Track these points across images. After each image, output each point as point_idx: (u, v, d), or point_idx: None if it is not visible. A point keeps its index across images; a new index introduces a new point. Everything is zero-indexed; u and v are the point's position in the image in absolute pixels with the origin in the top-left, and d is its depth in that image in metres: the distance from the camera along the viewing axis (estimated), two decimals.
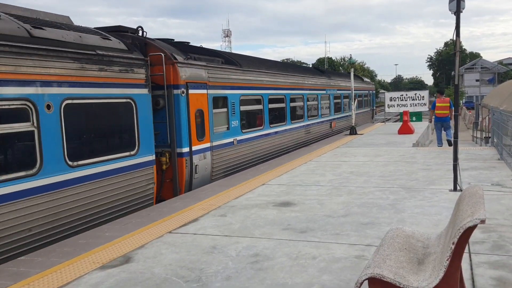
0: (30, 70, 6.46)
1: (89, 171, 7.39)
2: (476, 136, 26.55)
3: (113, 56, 8.08)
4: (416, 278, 3.49)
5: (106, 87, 7.89)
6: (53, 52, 6.87)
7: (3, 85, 6.00)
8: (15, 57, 6.23)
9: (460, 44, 8.19)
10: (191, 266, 5.06)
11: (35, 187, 6.38)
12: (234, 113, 12.28)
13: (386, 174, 10.21)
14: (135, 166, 8.49)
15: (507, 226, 5.99)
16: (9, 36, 6.22)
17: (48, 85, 6.75)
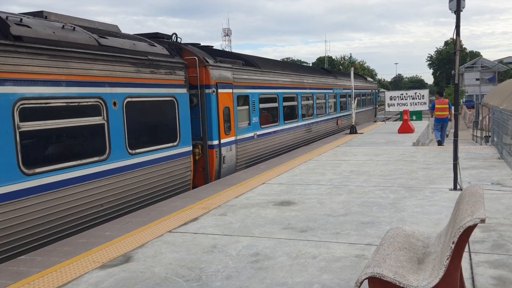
0: (100, 73, 7.81)
1: (143, 158, 8.76)
2: (476, 135, 26.55)
3: (160, 61, 9.44)
4: (416, 277, 3.50)
5: (155, 87, 9.23)
6: (117, 58, 8.23)
7: (82, 86, 7.36)
8: (90, 62, 7.57)
9: (460, 43, 8.19)
10: (191, 266, 5.06)
11: (105, 170, 7.83)
12: (254, 110, 13.55)
13: (386, 173, 10.21)
14: (177, 155, 9.81)
15: (507, 225, 5.99)
16: (84, 45, 7.59)
17: (114, 85, 8.07)
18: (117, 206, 8.05)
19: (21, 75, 6.37)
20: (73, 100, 7.23)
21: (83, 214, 7.30)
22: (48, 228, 6.67)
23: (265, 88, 14.46)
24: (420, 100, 23.13)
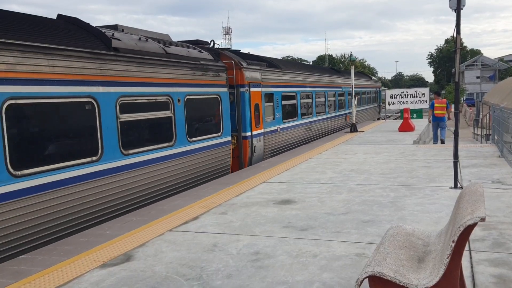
0: (169, 76, 9.54)
1: (197, 145, 10.52)
2: (476, 133, 26.54)
3: (208, 65, 11.17)
4: (417, 276, 3.50)
5: (206, 87, 10.96)
6: (179, 63, 9.98)
7: (157, 86, 9.17)
8: (162, 67, 9.32)
9: (460, 41, 8.18)
10: (191, 264, 5.07)
11: (171, 154, 9.55)
12: (277, 107, 15.31)
13: (387, 171, 10.21)
14: (220, 144, 11.60)
15: (508, 224, 5.99)
16: (156, 53, 9.32)
17: (178, 86, 9.82)
18: (181, 183, 9.90)
19: (120, 78, 8.17)
20: (152, 98, 9.06)
21: (162, 187, 9.30)
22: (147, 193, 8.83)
23: (286, 87, 16.21)
24: (420, 98, 23.14)
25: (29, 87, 6.37)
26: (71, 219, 6.99)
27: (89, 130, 7.45)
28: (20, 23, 6.78)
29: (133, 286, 4.55)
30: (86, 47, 7.51)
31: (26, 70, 6.32)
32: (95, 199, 7.44)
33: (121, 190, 8.07)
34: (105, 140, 7.68)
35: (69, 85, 7.05)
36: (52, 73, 6.76)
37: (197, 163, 10.51)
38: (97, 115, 7.60)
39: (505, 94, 23.50)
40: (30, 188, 6.28)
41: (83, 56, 7.36)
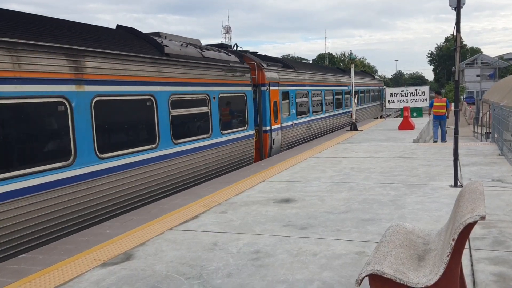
0: (206, 77, 10.97)
1: (228, 137, 11.92)
2: (476, 132, 26.54)
3: (236, 67, 12.68)
4: (417, 274, 3.50)
5: (234, 86, 12.44)
6: (214, 66, 11.44)
7: (198, 86, 10.56)
8: (201, 69, 10.74)
9: (460, 40, 8.17)
10: (192, 263, 5.07)
11: (208, 144, 10.93)
12: (292, 104, 16.71)
13: (387, 170, 10.21)
14: (246, 137, 12.97)
15: (508, 222, 5.99)
16: (195, 57, 10.73)
17: (213, 85, 11.26)
18: (215, 170, 11.31)
19: (171, 79, 9.58)
20: (194, 96, 10.49)
21: (202, 172, 10.68)
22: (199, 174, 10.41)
23: (299, 85, 17.66)
24: (420, 96, 23.09)
25: (110, 87, 7.88)
26: (148, 191, 8.76)
27: (150, 122, 8.97)
28: (94, 33, 8.22)
29: (133, 285, 4.56)
30: (147, 53, 9.00)
31: (107, 73, 7.83)
32: (150, 181, 8.87)
33: (175, 173, 9.64)
34: (161, 131, 9.26)
35: (136, 85, 8.57)
36: (124, 76, 8.26)
37: (228, 153, 11.90)
38: (155, 110, 9.06)
39: (505, 92, 23.49)
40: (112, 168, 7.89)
41: (145, 61, 8.85)
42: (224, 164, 11.69)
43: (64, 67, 6.90)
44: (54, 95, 6.74)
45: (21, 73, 6.25)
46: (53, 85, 6.73)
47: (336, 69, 28.93)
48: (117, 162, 7.93)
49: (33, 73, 6.43)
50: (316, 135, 19.56)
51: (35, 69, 6.45)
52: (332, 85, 22.54)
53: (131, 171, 8.28)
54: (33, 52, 6.45)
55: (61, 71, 6.84)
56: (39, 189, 6.41)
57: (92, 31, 8.24)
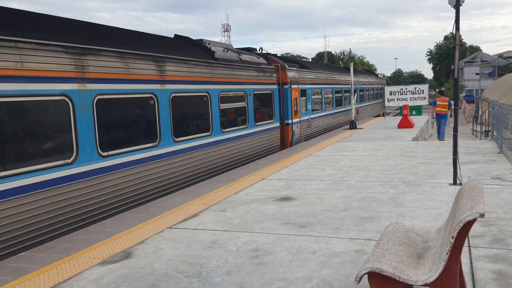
0: (243, 77, 13.05)
1: (259, 128, 13.99)
2: (476, 130, 26.55)
3: (265, 68, 14.80)
4: (416, 272, 3.50)
5: (264, 84, 14.50)
6: (250, 67, 13.61)
7: (237, 84, 12.64)
8: (240, 71, 12.85)
9: (460, 38, 8.17)
10: (191, 261, 5.07)
11: (246, 134, 13.06)
12: (308, 100, 18.76)
13: (386, 168, 10.21)
14: (273, 128, 15.04)
15: (507, 220, 6.00)
16: (234, 60, 12.86)
17: (249, 84, 13.38)
18: (251, 155, 13.36)
19: (220, 79, 11.73)
20: (235, 93, 12.59)
21: (241, 156, 12.71)
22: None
23: (314, 84, 19.71)
24: (419, 95, 23.06)
25: (181, 85, 10.05)
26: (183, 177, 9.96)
27: (206, 113, 11.16)
28: (166, 43, 10.41)
29: (132, 283, 4.56)
30: (203, 58, 11.15)
31: (180, 75, 10.02)
32: (209, 163, 11.04)
33: (224, 156, 11.78)
34: (214, 121, 11.38)
35: (198, 84, 10.70)
36: (190, 76, 10.37)
37: (259, 142, 13.98)
38: (209, 104, 11.18)
39: (504, 91, 23.50)
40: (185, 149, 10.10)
41: (203, 65, 11.01)
42: (257, 151, 13.76)
43: (153, 70, 9.15)
44: (147, 92, 8.95)
45: (129, 75, 8.51)
46: (148, 84, 8.97)
47: (343, 68, 31.48)
48: (187, 145, 10.18)
49: (136, 75, 8.67)
50: (328, 129, 21.61)
51: (138, 72, 8.69)
52: (341, 84, 24.76)
53: (194, 152, 10.49)
54: (137, 59, 8.71)
55: (152, 73, 9.13)
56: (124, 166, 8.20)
57: (167, 42, 10.57)
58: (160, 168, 9.09)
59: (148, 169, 8.73)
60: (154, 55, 9.17)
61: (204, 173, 10.84)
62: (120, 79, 8.19)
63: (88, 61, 7.45)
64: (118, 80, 8.13)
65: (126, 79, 8.34)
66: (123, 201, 8.15)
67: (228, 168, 11.82)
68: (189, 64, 10.37)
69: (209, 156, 11.01)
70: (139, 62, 8.72)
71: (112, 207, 7.87)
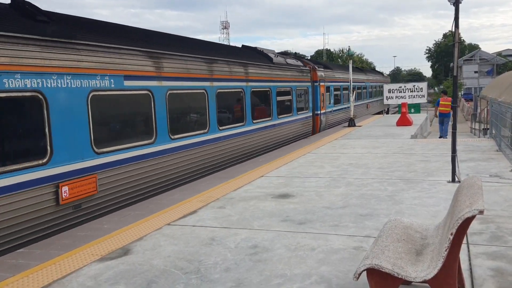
0: (289, 77, 16.60)
1: (300, 116, 17.79)
2: (474, 128, 26.57)
3: (303, 69, 18.71)
4: (415, 268, 3.51)
5: (302, 82, 18.24)
6: (293, 69, 17.36)
7: (286, 82, 16.23)
8: (287, 71, 16.53)
9: (459, 36, 8.16)
10: (190, 258, 5.07)
11: (291, 120, 16.82)
12: (331, 96, 22.70)
13: (385, 165, 10.22)
14: (308, 117, 18.92)
15: (505, 217, 6.01)
16: (282, 63, 16.42)
17: (293, 82, 17.04)
18: (293, 137, 16.96)
19: (276, 78, 15.55)
20: (285, 88, 16.27)
21: (287, 137, 16.37)
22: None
23: (335, 82, 23.61)
24: (418, 93, 23.03)
25: (256, 83, 13.78)
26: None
27: (268, 105, 14.96)
28: (244, 52, 14.66)
29: (131, 279, 4.55)
30: (267, 63, 15.20)
31: (255, 76, 13.83)
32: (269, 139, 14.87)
33: (278, 136, 15.57)
34: (273, 110, 15.20)
35: (263, 82, 14.49)
36: (260, 76, 14.22)
37: (299, 126, 17.83)
38: (271, 97, 15.01)
39: (503, 89, 23.52)
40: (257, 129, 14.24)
41: (268, 67, 15.00)
42: (297, 134, 17.57)
43: (243, 73, 12.98)
44: (239, 88, 12.87)
45: (219, 75, 11.61)
46: (240, 82, 12.83)
47: (355, 68, 35.08)
48: (259, 126, 13.94)
49: (235, 76, 12.55)
50: (345, 120, 24.45)
51: (235, 74, 12.54)
52: (355, 82, 28.24)
53: (257, 133, 13.86)
54: (232, 63, 12.56)
55: (242, 75, 12.94)
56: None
57: (249, 54, 14.93)
58: (209, 151, 11.00)
59: (201, 151, 10.64)
60: (242, 62, 13.19)
61: (267, 148, 14.57)
62: (226, 79, 12.08)
63: (163, 63, 9.43)
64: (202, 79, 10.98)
65: (215, 79, 11.49)
66: (189, 174, 10.15)
67: (279, 146, 15.27)
68: (261, 67, 14.49)
69: (270, 135, 15.00)
70: (234, 66, 12.62)
71: (180, 179, 9.82)
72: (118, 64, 8.08)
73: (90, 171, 7.34)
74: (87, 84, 7.36)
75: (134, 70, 8.48)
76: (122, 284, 4.46)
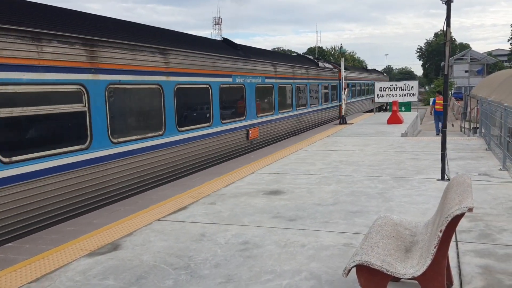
0: (328, 76, 23.78)
1: (328, 106, 24.02)
2: (464, 127, 26.75)
3: (334, 70, 25.16)
4: (404, 265, 3.52)
5: (333, 80, 24.73)
6: (327, 71, 23.82)
7: (326, 80, 23.55)
8: (326, 72, 23.85)
9: (450, 35, 8.20)
10: (180, 254, 5.06)
11: (328, 107, 24.10)
12: (349, 91, 28.21)
13: (375, 163, 10.26)
14: (335, 107, 25.05)
15: (494, 215, 6.06)
16: (319, 67, 22.74)
17: (327, 80, 23.74)
18: (322, 122, 22.32)
19: (322, 77, 22.56)
20: (326, 85, 23.15)
21: (321, 121, 22.35)
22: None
23: (351, 80, 29.60)
24: (409, 91, 23.16)
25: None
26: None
27: (305, 96, 19.75)
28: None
29: (120, 275, 4.53)
30: (314, 66, 21.41)
31: (302, 74, 19.41)
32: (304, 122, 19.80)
33: (311, 120, 20.42)
34: (320, 99, 21.94)
35: (313, 80, 20.74)
36: (311, 76, 20.59)
37: (327, 114, 23.38)
38: (309, 91, 20.12)
39: (493, 88, 23.72)
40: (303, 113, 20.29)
41: (313, 69, 20.98)
42: (325, 120, 22.72)
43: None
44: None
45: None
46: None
47: (362, 68, 44.71)
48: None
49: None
50: (359, 110, 32.13)
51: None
52: (362, 80, 34.73)
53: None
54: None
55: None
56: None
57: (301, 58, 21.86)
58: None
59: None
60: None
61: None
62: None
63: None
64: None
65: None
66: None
67: (316, 126, 20.39)
68: (306, 68, 20.05)
69: (308, 118, 20.02)
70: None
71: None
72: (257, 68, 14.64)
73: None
74: (254, 80, 14.19)
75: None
76: (111, 279, 4.44)
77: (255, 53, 15.09)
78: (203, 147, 11.09)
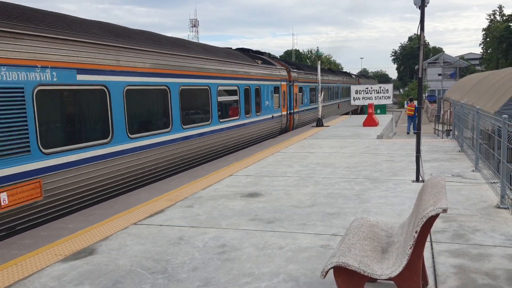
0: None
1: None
2: (437, 129, 27.26)
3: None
4: (380, 266, 3.56)
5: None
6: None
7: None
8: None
9: (424, 39, 8.35)
10: (157, 258, 5.01)
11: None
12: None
13: (352, 165, 10.36)
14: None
15: (467, 216, 6.18)
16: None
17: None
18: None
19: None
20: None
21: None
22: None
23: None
24: (384, 94, 23.43)
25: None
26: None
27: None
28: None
29: (95, 280, 4.46)
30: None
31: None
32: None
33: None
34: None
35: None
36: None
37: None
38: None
39: (465, 91, 24.25)
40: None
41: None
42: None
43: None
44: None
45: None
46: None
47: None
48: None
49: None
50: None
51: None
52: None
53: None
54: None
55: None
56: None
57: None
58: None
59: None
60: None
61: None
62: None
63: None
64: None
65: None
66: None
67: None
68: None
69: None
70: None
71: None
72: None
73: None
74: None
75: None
76: (86, 284, 4.36)
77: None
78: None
